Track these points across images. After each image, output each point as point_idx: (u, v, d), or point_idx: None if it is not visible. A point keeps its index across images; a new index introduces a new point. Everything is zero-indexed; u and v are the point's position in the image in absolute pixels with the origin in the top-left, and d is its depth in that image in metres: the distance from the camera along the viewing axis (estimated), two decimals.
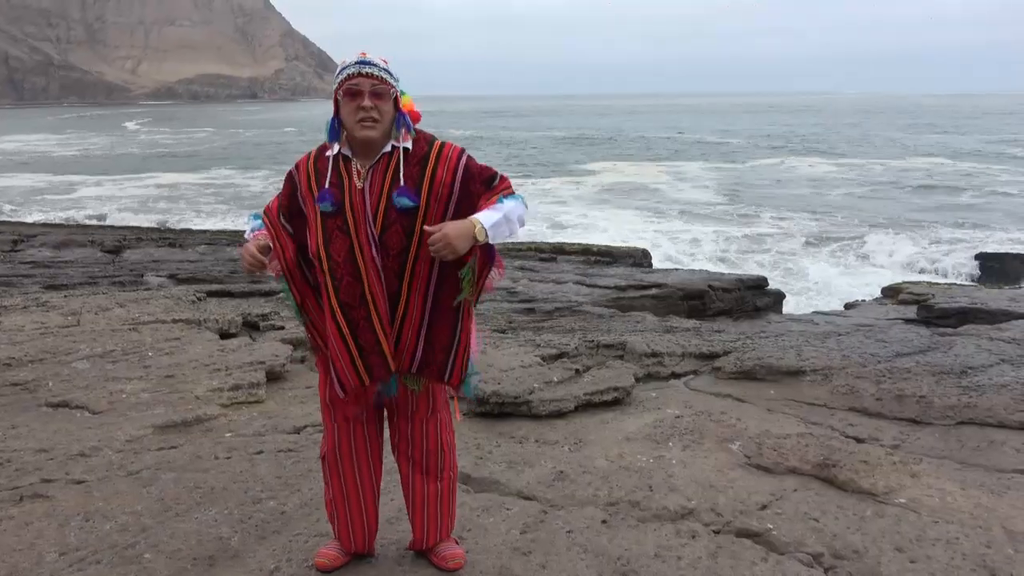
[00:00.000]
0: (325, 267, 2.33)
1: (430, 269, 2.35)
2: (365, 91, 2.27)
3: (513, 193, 2.36)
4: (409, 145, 2.35)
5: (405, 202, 2.28)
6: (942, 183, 29.75)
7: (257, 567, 2.68)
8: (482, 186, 2.34)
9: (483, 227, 2.24)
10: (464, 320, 2.43)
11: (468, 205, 2.33)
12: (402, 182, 2.29)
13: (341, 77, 2.30)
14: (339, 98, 2.31)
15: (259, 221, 2.53)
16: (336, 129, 2.35)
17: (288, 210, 2.48)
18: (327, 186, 2.34)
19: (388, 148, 2.34)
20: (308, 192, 2.39)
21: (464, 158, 2.36)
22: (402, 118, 2.34)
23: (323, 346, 2.51)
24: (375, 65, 2.28)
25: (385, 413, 2.62)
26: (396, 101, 2.33)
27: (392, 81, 2.31)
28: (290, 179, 2.47)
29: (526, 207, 2.37)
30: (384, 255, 2.31)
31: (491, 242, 2.27)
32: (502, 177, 2.38)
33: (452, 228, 2.21)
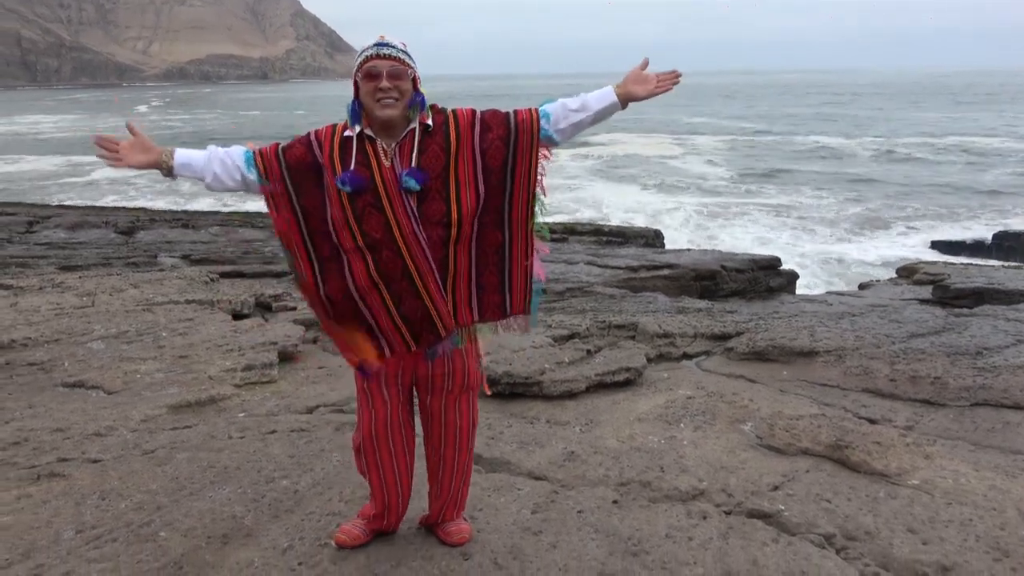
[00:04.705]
0: (360, 243, 2.34)
1: (471, 227, 2.41)
2: (383, 72, 2.31)
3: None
4: (430, 122, 2.39)
5: (412, 184, 2.31)
6: (963, 159, 29.36)
7: (270, 545, 2.71)
8: (503, 127, 2.40)
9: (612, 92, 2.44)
10: (512, 259, 2.49)
11: (494, 152, 2.39)
12: (414, 162, 2.32)
13: (360, 60, 2.37)
14: (358, 80, 2.36)
15: (249, 158, 2.42)
16: (357, 111, 2.38)
17: (298, 171, 2.40)
18: (352, 166, 2.33)
19: (412, 126, 2.37)
20: (329, 167, 2.36)
21: (478, 114, 2.43)
22: (418, 98, 2.37)
23: (329, 316, 2.46)
24: (393, 47, 2.33)
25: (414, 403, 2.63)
26: (414, 81, 2.37)
27: (410, 62, 2.36)
28: (308, 144, 2.39)
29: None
30: (427, 225, 2.35)
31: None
32: (516, 111, 2.43)
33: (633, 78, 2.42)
